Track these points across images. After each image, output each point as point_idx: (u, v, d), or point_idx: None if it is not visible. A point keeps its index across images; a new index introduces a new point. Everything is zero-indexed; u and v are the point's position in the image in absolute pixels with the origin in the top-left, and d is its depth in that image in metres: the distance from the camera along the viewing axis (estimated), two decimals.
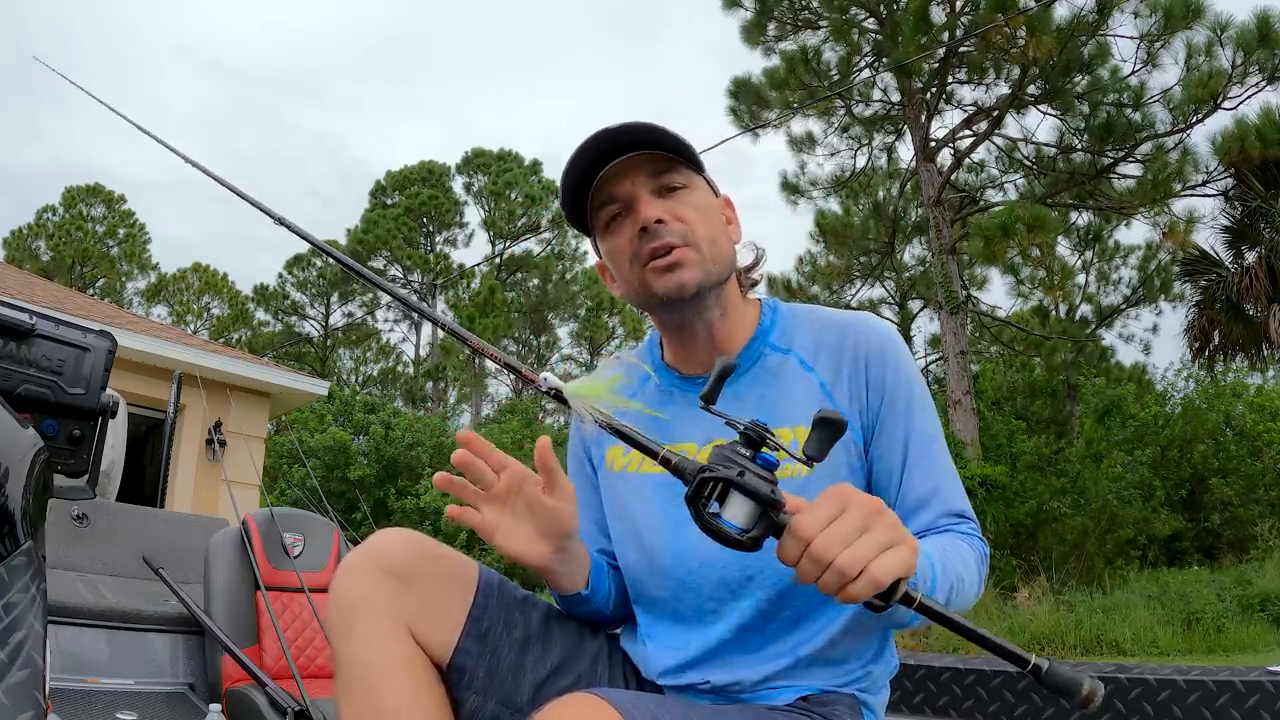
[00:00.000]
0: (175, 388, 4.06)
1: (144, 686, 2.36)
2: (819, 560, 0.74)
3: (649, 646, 1.11)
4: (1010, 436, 12.92)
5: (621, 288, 1.12)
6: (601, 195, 1.06)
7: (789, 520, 0.77)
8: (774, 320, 1.13)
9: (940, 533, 1.02)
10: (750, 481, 0.76)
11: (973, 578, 0.97)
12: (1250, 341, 12.28)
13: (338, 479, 17.30)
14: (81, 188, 30.68)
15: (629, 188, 1.05)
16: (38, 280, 11.84)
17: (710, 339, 1.10)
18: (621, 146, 1.03)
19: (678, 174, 1.06)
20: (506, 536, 0.98)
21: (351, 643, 0.95)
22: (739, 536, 0.76)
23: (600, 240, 1.11)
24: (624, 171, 1.05)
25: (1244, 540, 12.52)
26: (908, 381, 1.06)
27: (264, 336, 30.02)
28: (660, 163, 1.05)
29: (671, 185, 1.05)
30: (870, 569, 0.74)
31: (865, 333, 1.07)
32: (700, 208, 1.06)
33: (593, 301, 27.86)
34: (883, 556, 0.74)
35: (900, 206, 14.84)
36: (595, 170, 1.06)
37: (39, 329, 1.11)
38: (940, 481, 1.05)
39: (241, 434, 8.07)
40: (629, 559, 1.14)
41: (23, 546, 0.69)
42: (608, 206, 1.07)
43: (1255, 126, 10.53)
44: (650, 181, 1.05)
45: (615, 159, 1.04)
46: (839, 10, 12.49)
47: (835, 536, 0.74)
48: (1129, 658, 7.89)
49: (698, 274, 1.03)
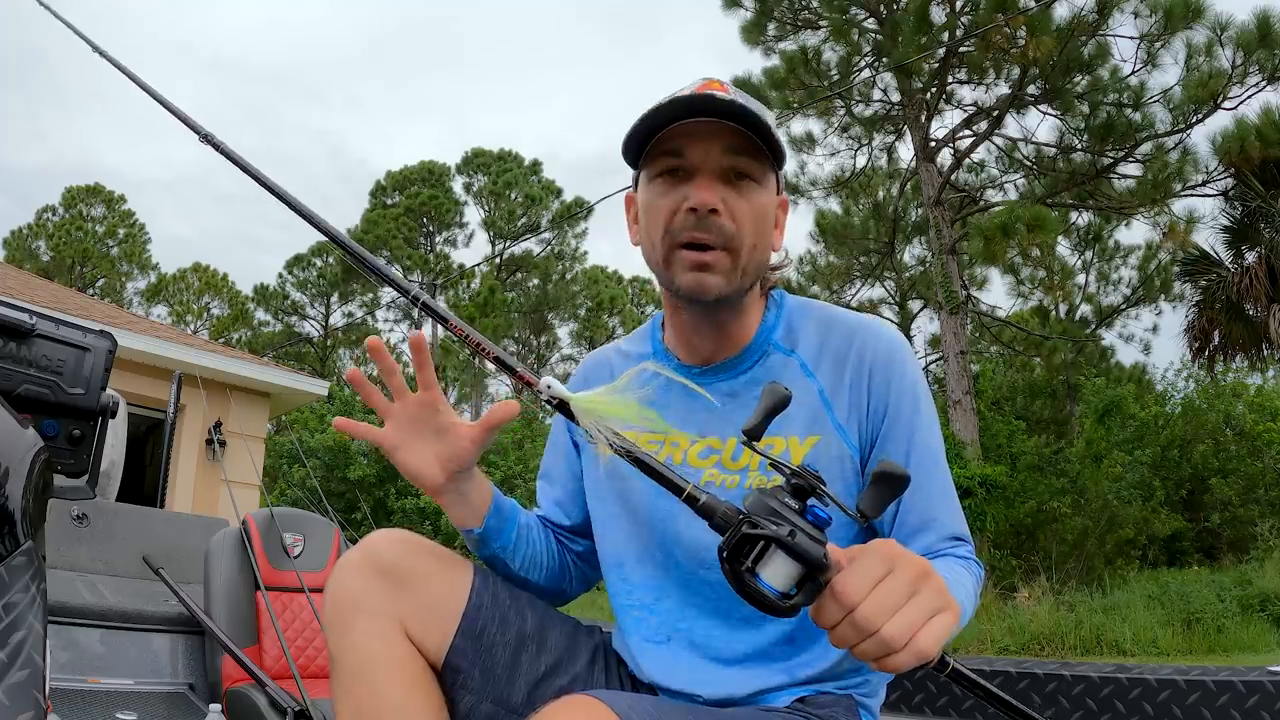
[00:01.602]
0: (175, 388, 4.06)
1: (144, 686, 2.36)
2: (863, 629, 0.69)
3: (642, 652, 1.09)
4: (1010, 436, 12.92)
5: (641, 241, 1.06)
6: (670, 144, 0.98)
7: (829, 577, 0.71)
8: (779, 316, 1.08)
9: (940, 557, 0.99)
10: (802, 544, 0.68)
11: (971, 606, 0.95)
12: (1250, 341, 12.27)
13: (338, 479, 17.30)
14: (81, 188, 30.69)
15: (700, 155, 0.97)
16: (38, 280, 11.84)
17: (715, 333, 1.06)
18: (722, 109, 0.95)
19: (754, 163, 0.99)
20: (408, 454, 0.97)
21: (347, 642, 0.95)
22: (779, 603, 0.69)
23: (644, 182, 1.03)
24: (705, 134, 0.97)
25: (1244, 540, 12.53)
26: (912, 394, 1.02)
27: (264, 336, 30.02)
28: (743, 142, 0.97)
29: (742, 172, 0.98)
30: (917, 641, 0.69)
31: (873, 340, 1.03)
32: (757, 210, 1.00)
33: (593, 301, 27.87)
34: (930, 625, 0.70)
35: (900, 206, 14.84)
36: (677, 115, 0.97)
37: (39, 329, 1.11)
38: (942, 503, 1.01)
39: (241, 434, 8.07)
40: (617, 540, 1.11)
41: (23, 546, 0.69)
42: (670, 158, 0.99)
43: (1255, 126, 10.52)
44: (724, 158, 0.97)
45: (705, 116, 0.96)
46: (839, 10, 12.48)
47: (882, 605, 0.69)
48: (1129, 658, 7.88)
49: (723, 283, 0.98)
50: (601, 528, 1.14)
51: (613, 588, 1.13)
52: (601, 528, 1.14)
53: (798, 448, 1.01)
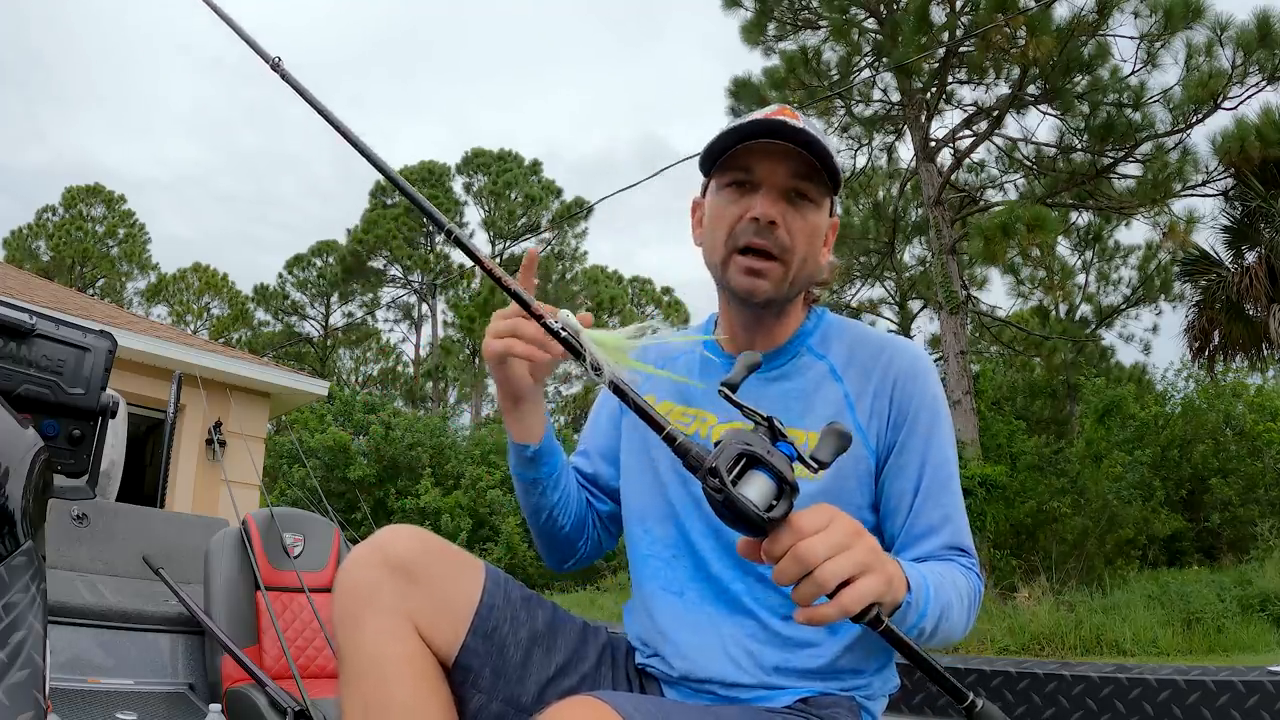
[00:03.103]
0: (175, 388, 4.06)
1: (144, 686, 2.36)
2: (804, 561, 0.74)
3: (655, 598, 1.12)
4: (1010, 436, 12.92)
5: (704, 244, 1.16)
6: (742, 160, 1.08)
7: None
8: (817, 326, 1.17)
9: (942, 561, 1.03)
10: (778, 461, 0.76)
11: (963, 609, 0.98)
12: (1250, 341, 12.28)
13: (338, 479, 17.30)
14: (81, 188, 30.69)
15: (767, 173, 1.07)
16: (38, 280, 11.84)
17: (757, 330, 1.15)
18: (790, 134, 1.05)
19: (814, 187, 1.09)
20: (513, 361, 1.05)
21: (357, 637, 0.95)
22: (760, 513, 0.74)
23: (714, 192, 1.14)
24: (774, 155, 1.07)
25: (1244, 540, 12.53)
26: (932, 409, 1.09)
27: (264, 336, 30.03)
28: (806, 167, 1.07)
29: (802, 193, 1.08)
30: (843, 595, 0.75)
31: (899, 355, 1.11)
32: (811, 229, 1.10)
33: (593, 301, 27.85)
34: (860, 582, 0.76)
35: (900, 206, 14.84)
36: (752, 135, 1.07)
37: (39, 329, 1.11)
38: (951, 514, 1.06)
39: (241, 434, 8.08)
40: (644, 498, 1.17)
41: (23, 546, 0.69)
42: (739, 172, 1.09)
43: (1255, 126, 10.53)
44: (789, 179, 1.07)
45: (779, 139, 1.05)
46: (839, 10, 12.48)
47: (823, 542, 0.75)
48: (1129, 658, 7.88)
49: (773, 289, 1.08)
50: (634, 484, 1.20)
51: (633, 539, 1.19)
52: (634, 484, 1.20)
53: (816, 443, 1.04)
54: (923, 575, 0.91)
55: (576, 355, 0.89)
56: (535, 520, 1.20)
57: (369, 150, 1.00)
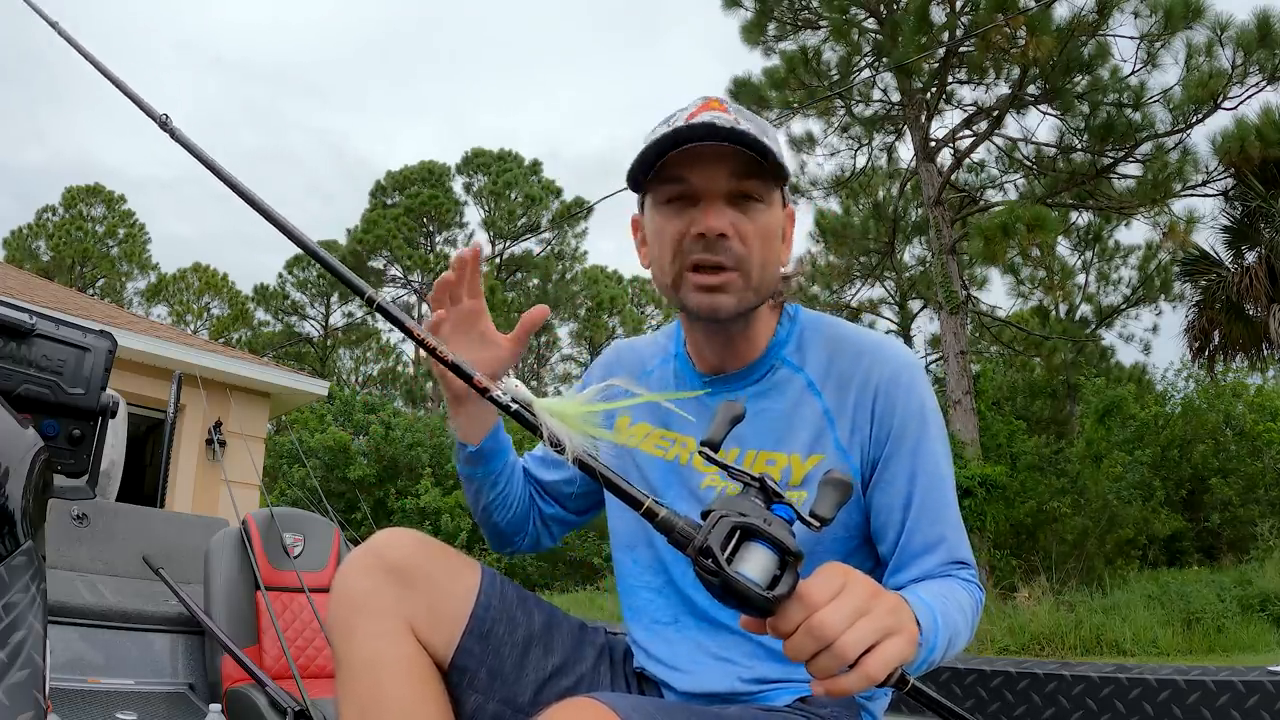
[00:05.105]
0: (175, 388, 4.05)
1: (144, 686, 2.36)
2: (820, 637, 0.68)
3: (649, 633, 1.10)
4: (1010, 436, 12.92)
5: (652, 267, 1.07)
6: (674, 171, 0.99)
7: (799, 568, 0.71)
8: (791, 331, 1.09)
9: (942, 578, 0.99)
10: (778, 531, 0.68)
11: (967, 626, 0.95)
12: (1250, 341, 12.28)
13: (338, 479, 17.30)
14: (81, 188, 30.69)
15: (705, 181, 0.98)
16: (38, 280, 11.84)
17: (724, 346, 1.08)
18: (722, 134, 0.95)
19: (759, 184, 0.99)
20: (450, 340, 1.02)
21: (353, 641, 0.95)
22: (762, 594, 0.66)
23: (651, 208, 1.04)
24: (708, 160, 0.97)
25: (1244, 540, 12.54)
26: (919, 417, 1.01)
27: (264, 336, 30.03)
28: (746, 165, 0.97)
29: (747, 194, 0.99)
30: (866, 663, 0.69)
31: (881, 363, 1.02)
32: (765, 230, 1.00)
33: (593, 301, 27.87)
34: (884, 646, 0.70)
35: (900, 206, 14.84)
36: (679, 143, 0.97)
37: (39, 329, 1.11)
38: (947, 529, 1.00)
39: (241, 434, 8.07)
40: (630, 522, 1.13)
41: (23, 546, 0.69)
42: (674, 185, 1.00)
43: (1255, 126, 10.53)
44: (729, 182, 0.98)
45: (707, 141, 0.95)
46: (839, 10, 12.48)
47: (838, 612, 0.68)
48: (1129, 658, 7.88)
49: (736, 302, 1.00)
50: (618, 509, 1.15)
51: (622, 568, 1.16)
52: (618, 509, 1.15)
53: (800, 466, 1.02)
54: (931, 609, 0.84)
55: (532, 430, 0.80)
56: (473, 508, 1.20)
57: (265, 205, 0.90)
